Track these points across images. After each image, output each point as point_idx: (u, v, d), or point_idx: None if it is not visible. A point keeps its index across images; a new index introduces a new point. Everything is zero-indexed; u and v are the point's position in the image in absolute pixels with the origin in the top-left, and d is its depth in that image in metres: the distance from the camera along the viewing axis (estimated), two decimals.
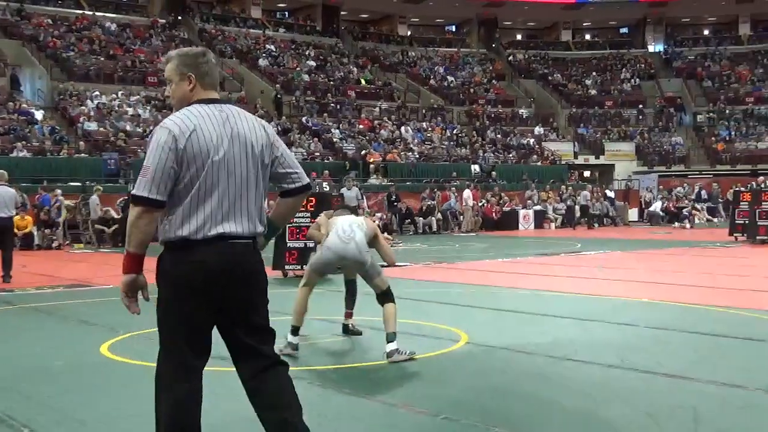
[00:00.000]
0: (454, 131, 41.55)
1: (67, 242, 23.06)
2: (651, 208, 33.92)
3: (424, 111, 43.75)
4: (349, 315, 8.12)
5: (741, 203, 21.88)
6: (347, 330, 8.08)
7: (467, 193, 29.81)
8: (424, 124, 41.55)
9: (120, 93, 34.25)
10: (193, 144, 3.48)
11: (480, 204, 30.88)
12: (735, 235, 22.08)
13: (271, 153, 3.69)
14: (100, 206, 23.61)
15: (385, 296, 7.05)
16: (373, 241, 7.35)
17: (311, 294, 7.42)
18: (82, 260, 18.96)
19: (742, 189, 24.88)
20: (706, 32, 58.58)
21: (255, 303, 3.67)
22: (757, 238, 20.79)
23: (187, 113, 3.56)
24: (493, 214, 30.88)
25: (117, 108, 32.91)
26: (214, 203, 3.52)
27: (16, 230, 17.33)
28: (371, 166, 33.54)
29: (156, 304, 3.72)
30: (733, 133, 46.22)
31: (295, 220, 13.50)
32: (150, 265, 3.63)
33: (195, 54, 3.75)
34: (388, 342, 6.81)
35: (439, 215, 29.29)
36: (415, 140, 38.72)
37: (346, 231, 7.19)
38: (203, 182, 3.50)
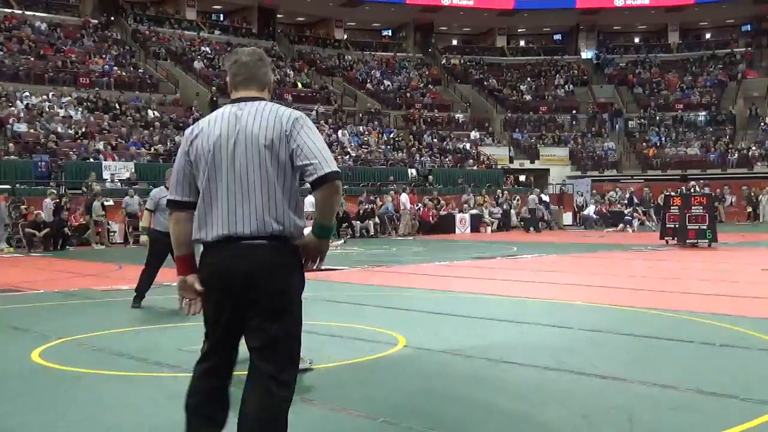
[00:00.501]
0: (391, 135, 41.68)
1: None
2: (585, 212, 34.49)
3: (360, 115, 43.79)
4: None
5: (671, 207, 22.33)
6: None
7: (404, 197, 29.91)
8: (360, 128, 41.59)
9: (51, 94, 33.59)
10: (196, 146, 3.57)
11: (417, 208, 31.01)
12: (666, 238, 22.52)
13: (287, 146, 3.52)
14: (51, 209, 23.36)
15: None
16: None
17: None
18: (12, 265, 18.51)
19: (673, 194, 25.39)
20: (636, 40, 59.80)
21: (265, 307, 3.51)
22: (687, 241, 21.25)
23: (208, 116, 3.67)
24: (430, 218, 31.03)
25: (48, 109, 32.24)
26: (221, 204, 3.51)
27: None
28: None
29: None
30: (663, 138, 47.23)
31: None
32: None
33: (228, 57, 3.86)
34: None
35: (377, 219, 29.32)
36: (352, 144, 38.73)
37: None
38: (208, 183, 3.53)
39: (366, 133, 41.00)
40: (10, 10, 40.28)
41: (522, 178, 44.70)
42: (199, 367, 3.75)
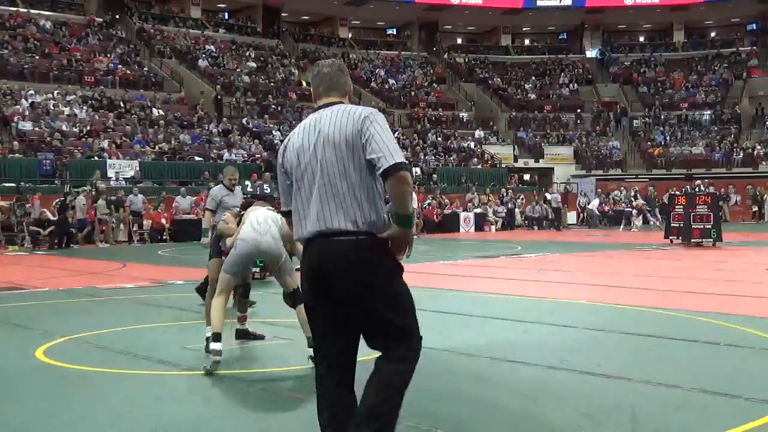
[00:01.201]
0: (395, 134, 41.65)
1: (0, 244, 22.55)
2: (589, 206, 34.31)
3: None
4: (244, 319, 7.91)
5: (676, 207, 22.30)
6: (247, 334, 7.86)
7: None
8: None
9: (56, 92, 33.62)
10: (286, 157, 3.89)
11: (422, 207, 31.00)
12: (670, 237, 22.50)
13: (360, 142, 3.70)
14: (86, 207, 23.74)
15: (294, 296, 6.83)
16: (287, 244, 7.02)
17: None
18: (17, 263, 18.55)
19: (677, 193, 25.37)
20: (641, 39, 59.70)
21: (364, 297, 3.68)
22: (692, 240, 21.22)
23: (296, 128, 3.95)
24: (434, 217, 31.03)
25: (53, 107, 32.28)
26: (311, 204, 3.74)
27: None
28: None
29: None
30: (668, 137, 47.14)
31: None
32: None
33: (311, 69, 4.06)
34: (311, 346, 6.62)
35: None
36: None
37: (261, 223, 6.91)
38: (299, 187, 3.80)
39: None
40: (15, 9, 40.31)
41: (526, 177, 44.66)
42: (319, 368, 3.95)
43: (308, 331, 6.52)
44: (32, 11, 40.68)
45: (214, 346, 6.55)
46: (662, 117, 49.13)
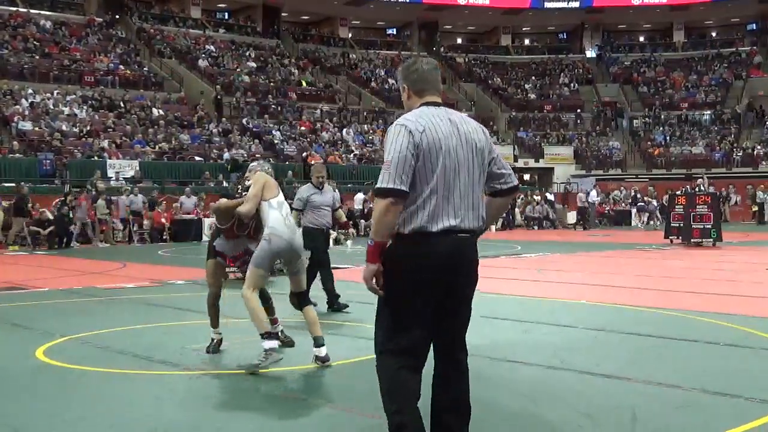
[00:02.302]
0: None
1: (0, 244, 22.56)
2: (590, 199, 34.15)
3: (365, 113, 43.81)
4: (275, 321, 7.40)
5: (676, 206, 22.29)
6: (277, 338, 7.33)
7: (359, 196, 29.93)
8: (365, 126, 41.59)
9: (56, 92, 33.63)
10: (428, 139, 3.71)
11: None
12: (670, 237, 22.49)
13: (489, 154, 3.93)
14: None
15: (304, 296, 6.80)
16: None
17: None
18: (17, 262, 18.55)
19: (677, 193, 25.35)
20: (641, 39, 59.70)
21: (468, 299, 3.93)
22: (692, 240, 21.22)
23: (417, 113, 3.82)
24: None
25: (52, 107, 32.29)
26: (446, 197, 3.74)
27: None
28: (312, 168, 33.49)
29: (384, 295, 3.82)
30: (668, 137, 47.15)
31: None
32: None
33: (407, 66, 4.03)
34: (319, 346, 6.55)
35: None
36: (357, 142, 38.74)
37: (290, 218, 6.73)
38: (438, 176, 3.72)
39: (370, 131, 41.00)
40: (15, 8, 40.32)
41: (526, 177, 44.66)
42: (401, 366, 3.83)
43: (316, 331, 6.56)
44: (32, 11, 40.70)
45: (270, 344, 6.32)
46: (662, 117, 49.15)
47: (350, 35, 55.55)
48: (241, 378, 6.33)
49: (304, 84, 44.26)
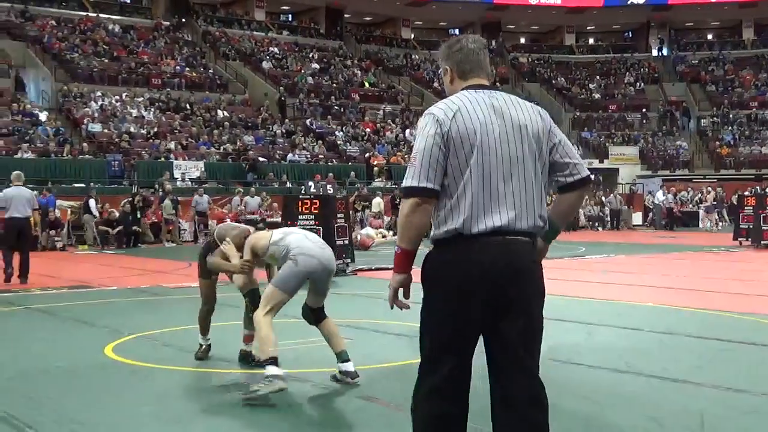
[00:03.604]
0: None
1: (71, 243, 23.09)
2: (656, 200, 33.55)
3: None
4: (250, 338, 6.81)
5: (745, 208, 21.83)
6: (250, 358, 6.77)
7: None
8: None
9: (124, 95, 34.30)
10: (459, 126, 3.20)
11: None
12: (739, 239, 22.04)
13: (548, 140, 3.35)
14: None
15: (321, 310, 6.18)
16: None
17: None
18: (86, 262, 18.96)
19: (747, 193, 24.84)
20: (709, 36, 58.54)
21: (526, 308, 3.27)
22: (762, 242, 20.75)
23: (451, 99, 3.32)
24: None
25: (121, 109, 32.95)
26: (487, 193, 3.20)
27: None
28: (375, 168, 33.60)
29: (422, 306, 3.34)
30: (737, 137, 46.16)
31: (298, 223, 13.25)
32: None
33: (449, 44, 3.50)
34: (344, 361, 5.99)
35: None
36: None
37: (314, 237, 6.20)
38: (473, 169, 3.20)
39: None
40: (85, 13, 41.26)
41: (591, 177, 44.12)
42: (441, 413, 3.36)
43: (340, 345, 6.00)
44: (102, 15, 41.56)
45: (274, 371, 5.59)
46: (731, 116, 48.10)
47: (413, 36, 55.54)
48: (298, 378, 6.35)
49: (366, 85, 44.40)
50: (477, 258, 3.17)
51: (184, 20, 45.14)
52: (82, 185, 25.88)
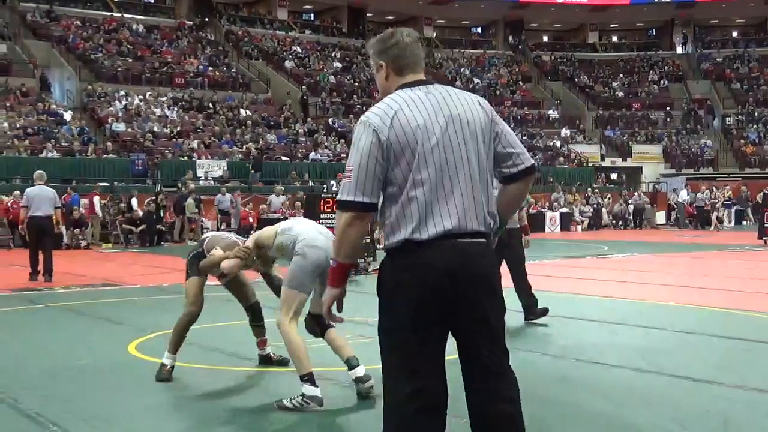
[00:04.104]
0: None
1: (94, 241, 23.25)
2: (679, 199, 33.38)
3: None
4: (264, 343, 6.87)
5: None
6: (269, 360, 6.81)
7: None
8: None
9: (147, 94, 34.51)
10: (397, 134, 3.07)
11: None
12: (764, 238, 21.87)
13: (491, 131, 3.22)
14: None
15: (322, 321, 5.72)
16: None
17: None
18: (110, 260, 19.10)
19: None
20: (734, 34, 58.05)
21: (487, 310, 3.17)
22: None
23: (387, 101, 3.16)
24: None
25: (144, 109, 33.16)
26: (434, 196, 3.07)
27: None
28: None
29: (378, 318, 3.21)
30: (762, 135, 45.75)
31: (321, 222, 13.26)
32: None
33: (382, 38, 3.33)
34: (355, 367, 5.69)
35: None
36: None
37: (324, 229, 5.89)
38: (418, 174, 3.07)
39: None
40: (109, 13, 41.56)
41: (614, 176, 43.92)
42: (412, 408, 3.11)
43: (348, 352, 5.77)
44: (126, 15, 41.83)
45: (311, 391, 5.41)
46: (756, 114, 47.68)
47: (435, 35, 55.46)
48: (324, 377, 6.37)
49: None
50: (430, 262, 3.05)
51: (207, 20, 45.34)
52: (106, 184, 26.09)
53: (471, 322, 3.14)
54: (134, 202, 23.89)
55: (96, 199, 23.61)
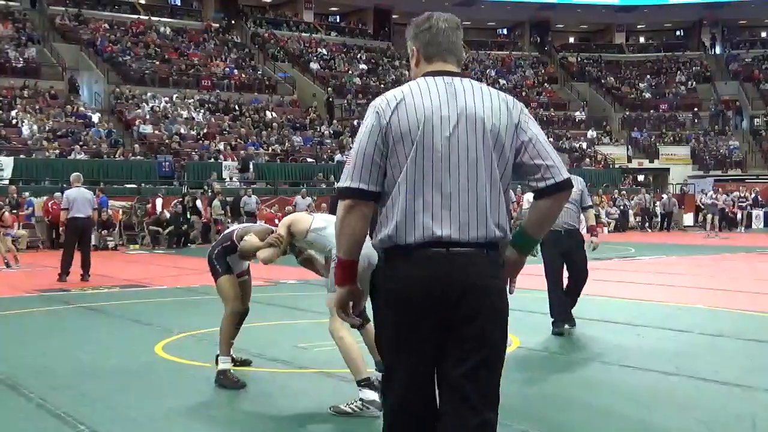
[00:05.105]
0: None
1: (122, 243, 23.44)
2: (707, 200, 33.02)
3: None
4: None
5: None
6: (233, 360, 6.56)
7: (529, 196, 29.67)
8: None
9: (174, 96, 34.72)
10: (400, 119, 2.82)
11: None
12: None
13: (514, 137, 2.89)
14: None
15: (365, 313, 5.57)
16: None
17: None
18: (138, 261, 19.24)
19: None
20: (763, 34, 57.49)
21: (477, 332, 2.80)
22: None
23: (401, 87, 2.93)
24: None
25: (171, 111, 33.38)
26: (429, 197, 2.79)
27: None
28: None
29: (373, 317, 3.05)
30: None
31: None
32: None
33: (417, 23, 3.09)
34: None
35: None
36: None
37: None
38: (409, 168, 2.80)
39: None
40: (137, 16, 41.88)
41: (641, 177, 43.64)
42: (397, 425, 2.92)
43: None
44: (153, 18, 42.12)
45: (370, 395, 5.28)
46: None
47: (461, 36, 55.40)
48: (349, 379, 6.37)
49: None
50: (414, 272, 2.78)
51: (233, 22, 45.55)
52: (134, 186, 26.29)
53: (459, 347, 2.80)
54: (159, 203, 24.02)
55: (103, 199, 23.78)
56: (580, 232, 8.60)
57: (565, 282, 8.69)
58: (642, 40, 59.01)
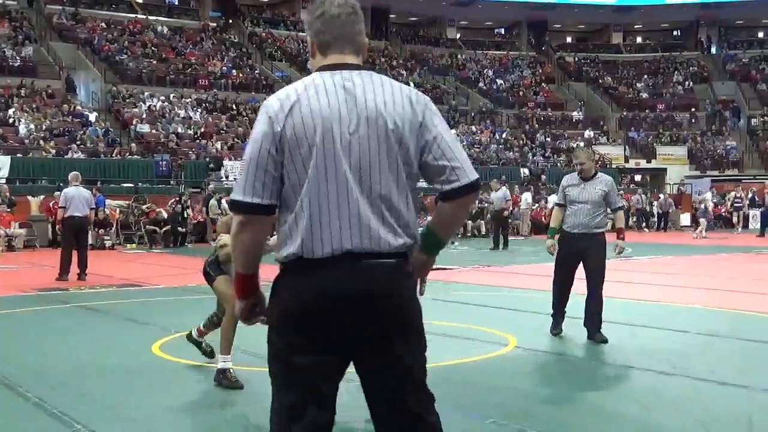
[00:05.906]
0: (503, 134, 41.39)
1: (119, 242, 23.41)
2: (703, 198, 33.03)
3: (473, 114, 43.64)
4: (204, 334, 6.95)
5: None
6: (198, 345, 6.91)
7: (527, 195, 29.72)
8: (473, 127, 41.46)
9: (172, 95, 34.71)
10: (295, 124, 2.58)
11: (531, 207, 30.70)
12: None
13: (419, 136, 2.65)
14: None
15: None
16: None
17: None
18: (135, 260, 19.22)
19: None
20: (760, 34, 57.58)
21: (388, 345, 2.65)
22: None
23: (294, 86, 2.69)
24: (543, 218, 30.62)
25: (168, 110, 33.37)
26: (332, 206, 2.58)
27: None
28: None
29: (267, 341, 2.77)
30: None
31: None
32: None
33: (309, 10, 2.84)
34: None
35: (489, 216, 29.05)
36: (464, 143, 38.63)
37: None
38: (311, 178, 2.58)
39: (478, 132, 40.84)
40: (134, 16, 41.86)
41: (638, 177, 43.67)
42: None
43: None
44: (150, 18, 42.11)
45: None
46: None
47: (458, 36, 55.43)
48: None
49: (412, 85, 44.31)
50: (318, 285, 2.59)
51: (230, 21, 45.54)
52: (130, 185, 26.27)
53: (378, 362, 2.67)
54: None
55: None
56: (600, 233, 8.24)
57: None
58: (639, 40, 59.09)
